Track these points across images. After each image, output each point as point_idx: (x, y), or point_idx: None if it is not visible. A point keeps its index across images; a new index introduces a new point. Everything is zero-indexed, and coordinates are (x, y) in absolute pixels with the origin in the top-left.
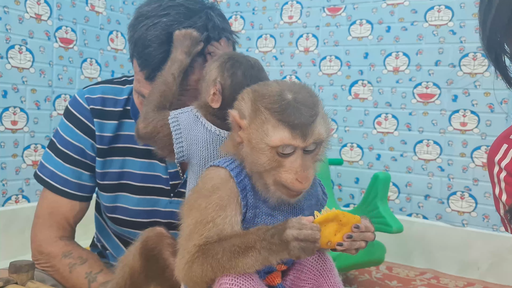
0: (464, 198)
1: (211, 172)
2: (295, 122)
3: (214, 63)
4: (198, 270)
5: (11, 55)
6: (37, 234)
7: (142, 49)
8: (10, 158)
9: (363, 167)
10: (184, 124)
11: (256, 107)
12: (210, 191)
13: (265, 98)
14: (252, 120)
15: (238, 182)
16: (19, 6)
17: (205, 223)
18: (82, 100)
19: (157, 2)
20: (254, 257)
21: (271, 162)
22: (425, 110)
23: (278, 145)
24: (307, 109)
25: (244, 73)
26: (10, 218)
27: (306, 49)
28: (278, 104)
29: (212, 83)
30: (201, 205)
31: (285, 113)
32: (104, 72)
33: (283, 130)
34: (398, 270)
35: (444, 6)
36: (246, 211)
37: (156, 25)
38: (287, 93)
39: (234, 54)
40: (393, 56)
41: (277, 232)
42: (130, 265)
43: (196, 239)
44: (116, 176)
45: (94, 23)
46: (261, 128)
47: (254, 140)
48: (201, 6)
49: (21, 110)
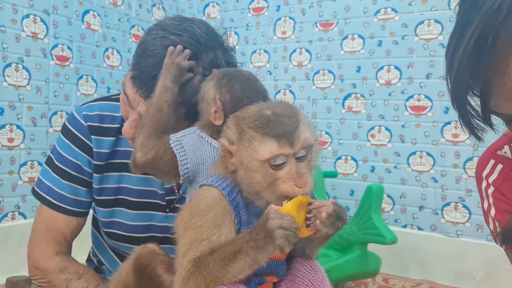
0: (458, 209)
1: (204, 192)
2: (280, 132)
3: (210, 82)
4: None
5: (8, 73)
6: (34, 249)
7: (142, 52)
8: (7, 175)
9: (358, 179)
10: (188, 145)
11: (240, 129)
12: (205, 210)
13: (246, 119)
14: (240, 143)
15: (230, 200)
16: (15, 25)
17: (200, 240)
18: (79, 117)
19: (181, 21)
20: (243, 260)
21: (266, 177)
22: (417, 122)
23: (269, 157)
24: (288, 118)
25: (241, 86)
26: (7, 234)
27: (300, 63)
28: (259, 121)
29: (212, 101)
30: (196, 224)
31: (268, 127)
32: (100, 88)
33: (270, 142)
34: (394, 282)
35: (434, 20)
36: (240, 228)
37: (164, 38)
38: (265, 110)
39: (228, 70)
40: (385, 69)
41: (260, 227)
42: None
43: (190, 255)
44: (113, 192)
45: (90, 40)
46: (249, 147)
47: (246, 160)
48: (215, 44)
49: (17, 127)
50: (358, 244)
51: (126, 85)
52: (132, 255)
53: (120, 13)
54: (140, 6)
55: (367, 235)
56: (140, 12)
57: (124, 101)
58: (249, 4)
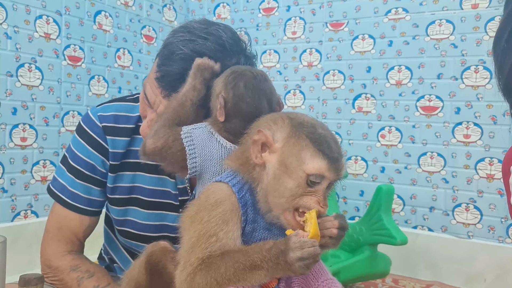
0: (469, 210)
1: (213, 187)
2: (332, 155)
3: (220, 78)
4: (201, 282)
5: (21, 73)
6: (46, 248)
7: (168, 54)
8: (19, 174)
9: (368, 179)
10: (198, 140)
11: (296, 133)
12: (214, 205)
13: (304, 127)
14: (287, 144)
15: (239, 197)
16: (29, 26)
17: (208, 236)
18: (94, 118)
19: (207, 24)
20: (263, 274)
21: (297, 188)
22: (428, 122)
23: (314, 173)
24: (337, 146)
25: (245, 84)
26: (19, 233)
27: (310, 63)
28: (317, 136)
29: (216, 97)
30: (204, 218)
31: (324, 145)
32: (111, 88)
33: (322, 161)
34: (404, 283)
35: (445, 20)
36: (245, 226)
37: (191, 41)
38: (319, 128)
39: (239, 68)
40: (396, 69)
41: (281, 254)
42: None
43: (199, 252)
44: (127, 191)
45: (101, 41)
46: (297, 154)
47: (287, 163)
48: (238, 50)
49: (30, 127)
50: (368, 245)
51: (147, 86)
52: (143, 252)
53: (131, 14)
54: (151, 6)
55: (377, 236)
56: (151, 12)
57: (143, 100)
58: (259, 5)
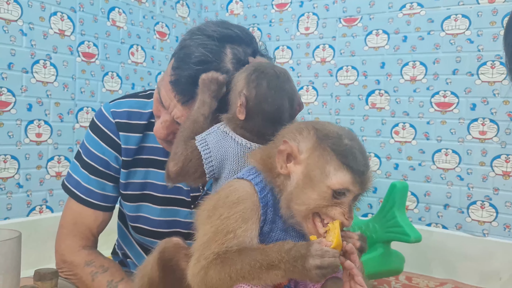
0: (485, 208)
1: (236, 184)
2: (357, 168)
3: (241, 74)
4: (214, 276)
5: (36, 69)
6: (61, 243)
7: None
8: (35, 170)
9: (381, 176)
10: (212, 143)
11: (320, 146)
12: (235, 202)
13: (329, 139)
14: (312, 156)
15: (261, 197)
16: (43, 23)
17: (225, 232)
18: (107, 114)
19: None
20: (280, 275)
21: (321, 200)
22: (443, 119)
23: (338, 188)
24: (364, 158)
25: (268, 84)
26: (34, 227)
27: (323, 59)
28: (342, 148)
29: (238, 94)
30: (223, 215)
31: (349, 158)
32: (124, 85)
33: (346, 175)
34: (418, 281)
35: (461, 15)
36: (264, 226)
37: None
38: (344, 138)
39: (261, 65)
40: (410, 65)
41: (300, 258)
42: (149, 275)
43: (215, 247)
44: (139, 187)
45: (115, 37)
46: (322, 167)
47: (311, 175)
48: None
49: (45, 123)
50: (381, 242)
51: (162, 89)
52: (156, 248)
53: (145, 10)
54: (164, 3)
55: (390, 233)
56: (164, 9)
57: (157, 100)
58: (272, 0)
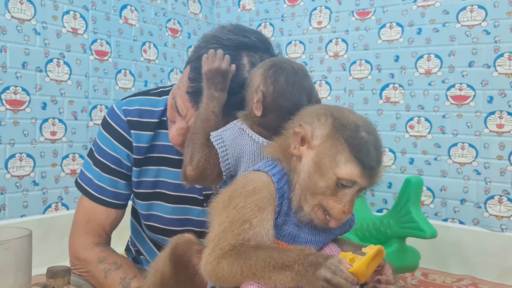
0: (502, 202)
1: (252, 175)
2: (368, 163)
3: (258, 70)
4: (226, 268)
5: (50, 68)
6: (74, 240)
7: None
8: (50, 167)
9: (396, 171)
10: (228, 140)
11: (335, 136)
12: (251, 192)
13: (346, 130)
14: (325, 143)
15: (278, 188)
16: (56, 22)
17: (241, 222)
18: (119, 112)
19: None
20: (290, 277)
21: (327, 188)
22: (459, 112)
23: (345, 178)
24: (378, 153)
25: (286, 80)
26: (50, 225)
27: (336, 54)
28: (357, 141)
29: (255, 90)
30: (239, 204)
31: (361, 152)
32: (137, 82)
33: (355, 167)
34: (434, 277)
35: (477, 6)
36: (278, 217)
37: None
38: (362, 131)
39: (278, 60)
40: (425, 58)
41: (314, 264)
42: (161, 271)
43: (231, 238)
44: (151, 185)
45: (127, 35)
46: (333, 155)
47: (321, 162)
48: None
49: (59, 121)
50: (396, 238)
51: (178, 99)
52: (169, 244)
53: (157, 8)
54: (176, 0)
55: (405, 229)
56: (176, 6)
57: (172, 106)
58: None
